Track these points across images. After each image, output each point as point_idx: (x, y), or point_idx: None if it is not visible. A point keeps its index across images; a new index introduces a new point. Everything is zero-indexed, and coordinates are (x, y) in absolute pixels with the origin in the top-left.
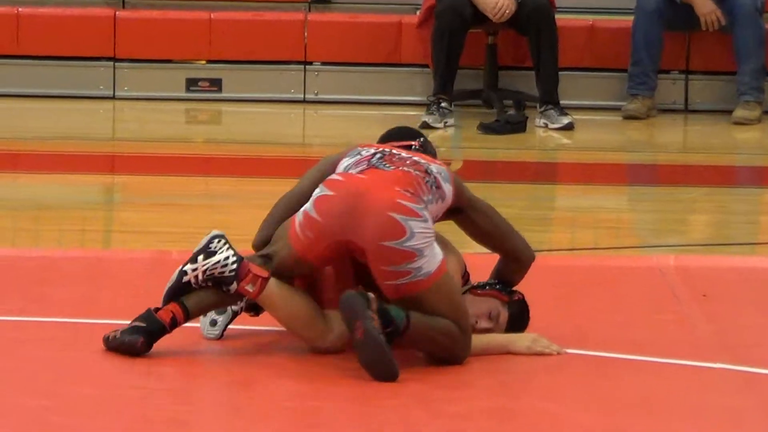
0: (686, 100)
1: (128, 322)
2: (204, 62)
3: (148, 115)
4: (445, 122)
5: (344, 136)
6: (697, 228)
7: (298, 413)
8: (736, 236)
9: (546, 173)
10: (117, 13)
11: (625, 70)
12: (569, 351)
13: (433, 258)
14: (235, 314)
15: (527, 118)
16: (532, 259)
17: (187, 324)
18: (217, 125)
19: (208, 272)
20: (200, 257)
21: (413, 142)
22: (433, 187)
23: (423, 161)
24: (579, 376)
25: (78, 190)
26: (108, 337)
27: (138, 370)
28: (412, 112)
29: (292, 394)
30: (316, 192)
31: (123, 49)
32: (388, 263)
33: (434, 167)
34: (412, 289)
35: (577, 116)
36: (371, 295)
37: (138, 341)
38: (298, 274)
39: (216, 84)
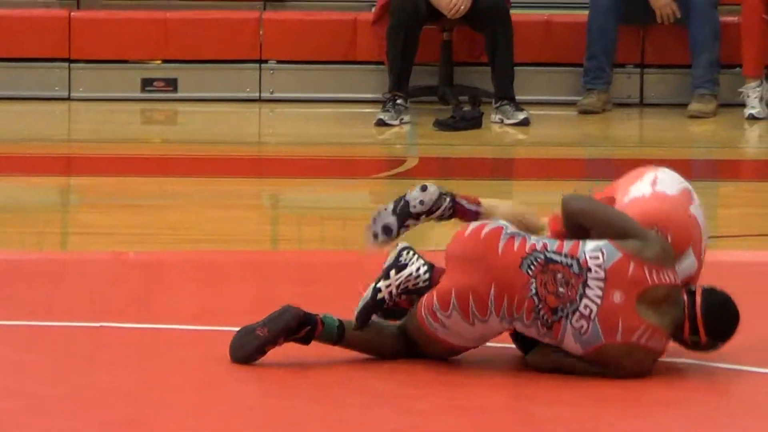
0: (641, 93)
1: (89, 324)
2: (159, 62)
3: (104, 116)
4: (401, 119)
5: (300, 134)
6: None
7: (260, 413)
8: None
9: (502, 169)
10: (71, 13)
11: (580, 65)
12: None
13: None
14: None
15: (483, 113)
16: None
17: (147, 325)
18: (173, 125)
19: (401, 286)
20: (392, 272)
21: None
22: (543, 327)
23: (588, 300)
24: (547, 374)
25: (35, 192)
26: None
27: (98, 371)
28: (367, 109)
29: (254, 395)
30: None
31: (78, 49)
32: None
33: (585, 314)
34: None
35: (533, 111)
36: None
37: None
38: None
39: (171, 84)
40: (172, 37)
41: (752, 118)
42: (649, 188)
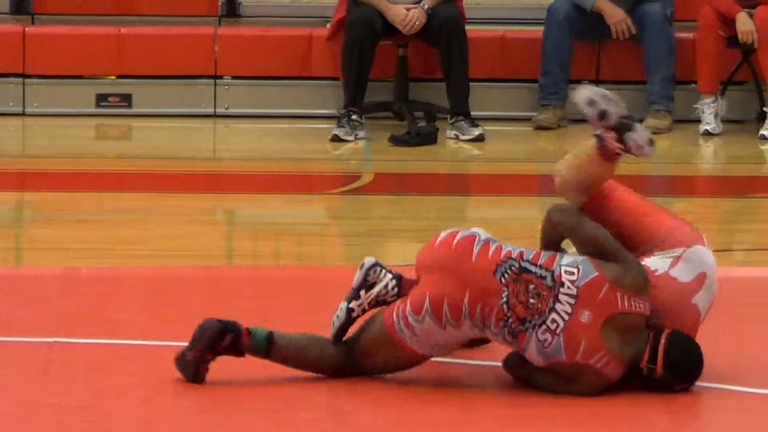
0: None
1: (42, 339)
2: (114, 77)
3: (59, 131)
4: (356, 135)
5: (255, 150)
6: None
7: (207, 427)
8: None
9: (457, 185)
10: (26, 28)
11: (535, 81)
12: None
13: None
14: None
15: (438, 129)
16: None
17: (100, 340)
18: (128, 140)
19: (372, 302)
20: (362, 292)
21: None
22: (510, 335)
23: (556, 314)
24: (496, 388)
25: None
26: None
27: (52, 388)
28: (323, 125)
29: (202, 409)
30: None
31: (32, 65)
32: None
33: (551, 328)
34: None
35: (488, 127)
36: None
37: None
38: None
39: (126, 99)
40: (127, 53)
41: (707, 134)
42: (665, 267)
